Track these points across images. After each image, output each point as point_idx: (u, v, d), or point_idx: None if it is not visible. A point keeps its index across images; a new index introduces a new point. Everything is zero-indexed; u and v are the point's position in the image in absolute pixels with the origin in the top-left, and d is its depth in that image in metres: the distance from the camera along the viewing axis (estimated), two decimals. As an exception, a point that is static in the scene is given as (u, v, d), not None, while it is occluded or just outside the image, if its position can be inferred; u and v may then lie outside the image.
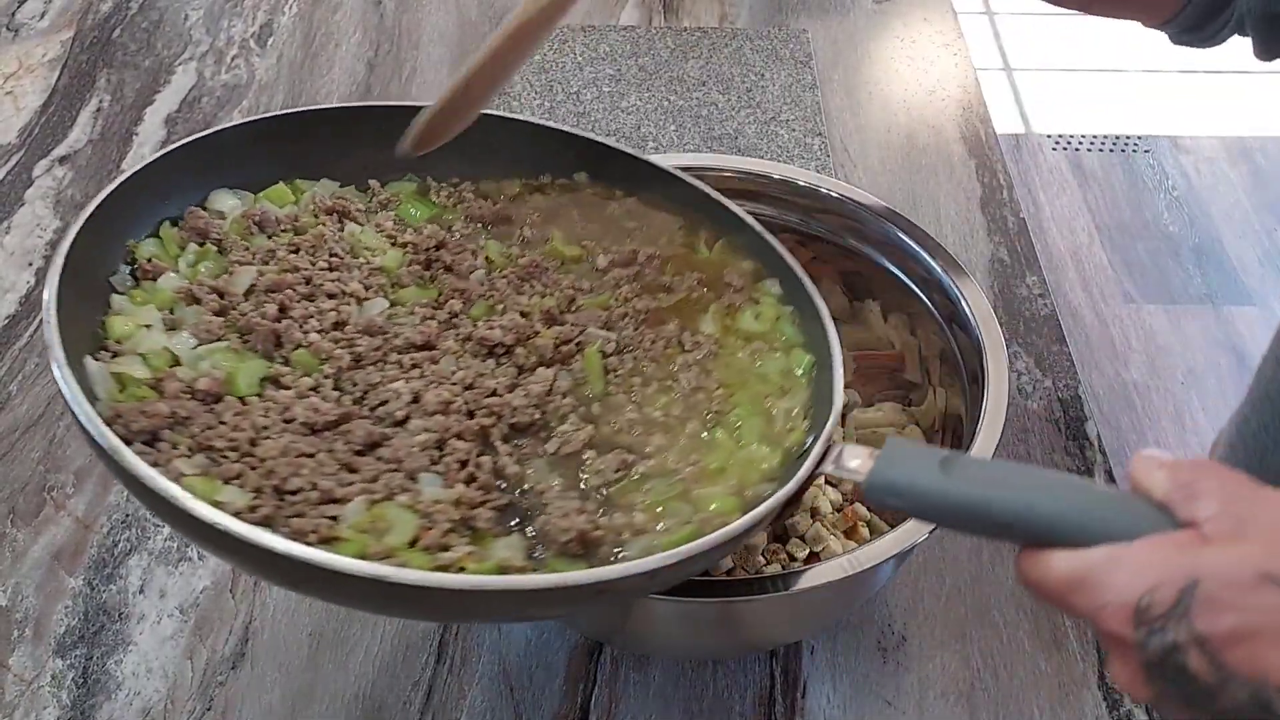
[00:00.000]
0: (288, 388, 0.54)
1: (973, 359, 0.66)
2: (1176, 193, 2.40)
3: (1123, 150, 2.49)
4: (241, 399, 0.53)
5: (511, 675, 0.69)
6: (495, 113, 0.67)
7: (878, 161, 1.05)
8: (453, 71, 1.12)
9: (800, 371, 0.60)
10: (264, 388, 0.54)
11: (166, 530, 0.75)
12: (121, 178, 0.57)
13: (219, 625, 0.71)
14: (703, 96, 1.10)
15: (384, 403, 0.54)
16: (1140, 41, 2.82)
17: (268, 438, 0.51)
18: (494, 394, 0.56)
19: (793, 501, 0.51)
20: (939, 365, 0.72)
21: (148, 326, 0.55)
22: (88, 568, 0.73)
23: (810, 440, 0.55)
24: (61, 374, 0.47)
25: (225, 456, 0.49)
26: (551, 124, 0.69)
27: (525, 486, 0.53)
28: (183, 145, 0.60)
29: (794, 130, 1.07)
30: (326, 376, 0.55)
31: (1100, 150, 2.49)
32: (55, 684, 0.68)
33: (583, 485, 0.53)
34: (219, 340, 0.55)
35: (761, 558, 0.67)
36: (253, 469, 0.49)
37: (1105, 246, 2.27)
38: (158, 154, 0.60)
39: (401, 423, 0.54)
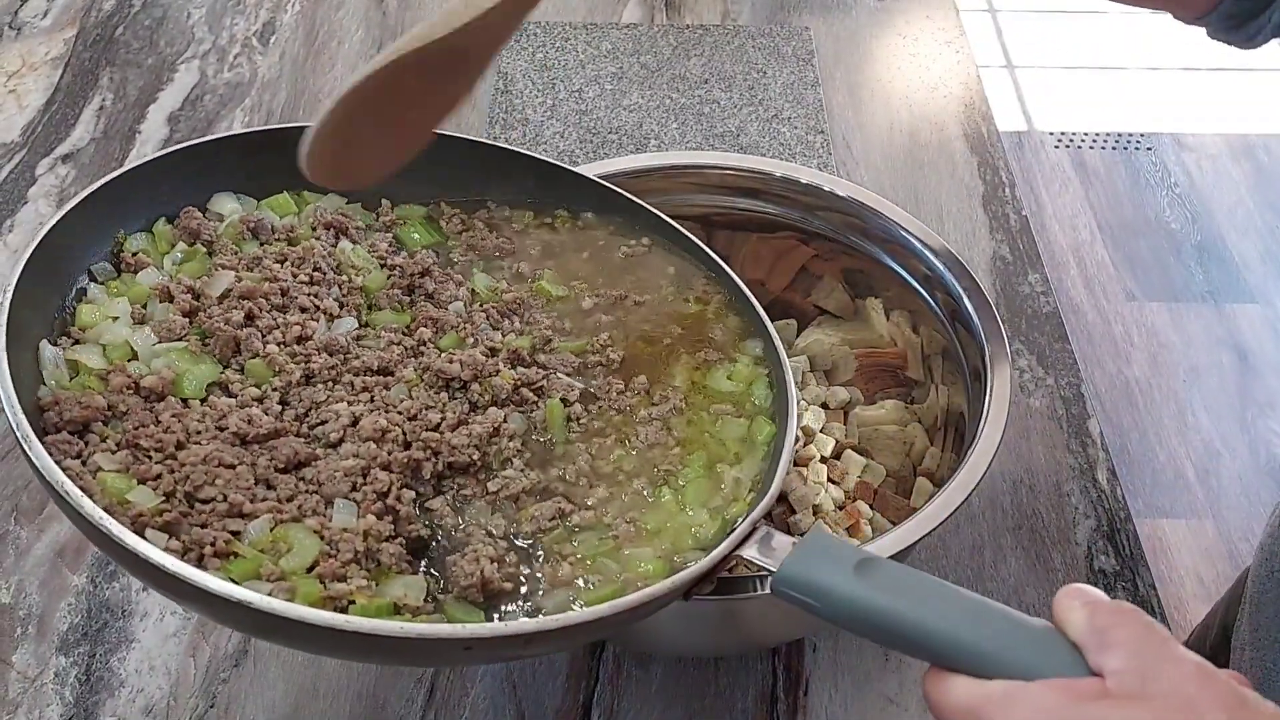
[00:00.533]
0: (234, 396, 0.54)
1: (975, 356, 0.66)
2: (1179, 190, 2.39)
3: (1125, 147, 2.49)
4: (184, 401, 0.53)
5: (514, 672, 0.69)
6: (502, 145, 0.67)
7: (880, 159, 1.05)
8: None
9: (760, 440, 0.58)
10: (211, 393, 0.54)
11: (169, 528, 0.75)
12: (120, 170, 0.57)
13: (222, 622, 0.71)
14: (705, 94, 1.10)
15: (323, 422, 0.54)
16: (1143, 39, 2.81)
17: (196, 443, 0.50)
18: (436, 429, 0.55)
19: (708, 577, 0.50)
20: (941, 363, 0.72)
21: (115, 318, 0.55)
22: (91, 565, 0.74)
23: (742, 518, 0.53)
24: None
25: (149, 456, 0.49)
26: (551, 161, 0.68)
27: (451, 526, 0.52)
28: (190, 147, 0.60)
29: (796, 128, 1.07)
30: (275, 389, 0.55)
31: (1102, 147, 2.48)
32: (58, 681, 0.68)
33: (513, 532, 0.52)
34: (179, 340, 0.55)
35: (764, 555, 0.67)
36: (171, 472, 0.49)
37: (1107, 244, 2.27)
38: (162, 151, 0.60)
39: (335, 445, 0.53)
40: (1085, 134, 2.51)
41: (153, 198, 0.60)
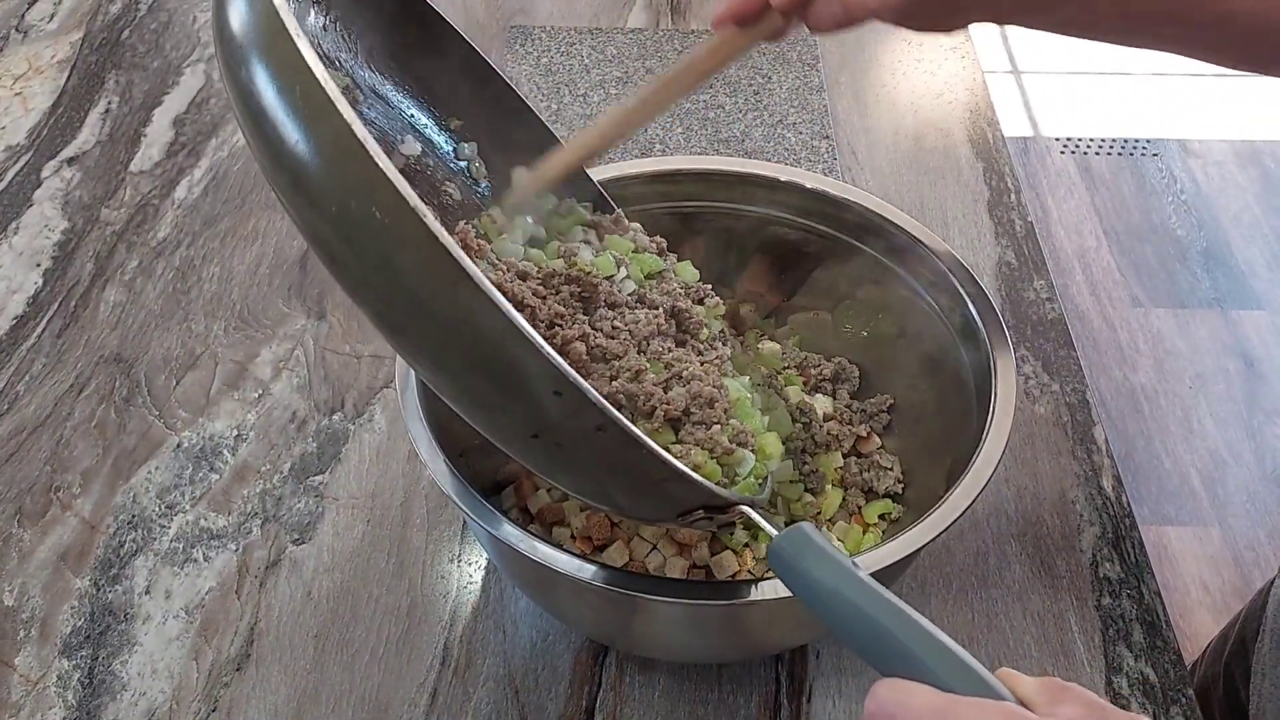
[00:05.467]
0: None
1: (979, 363, 0.66)
2: (1185, 196, 2.39)
3: (1131, 153, 2.48)
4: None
5: (516, 678, 0.69)
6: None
7: (885, 164, 1.05)
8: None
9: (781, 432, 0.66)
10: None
11: (173, 531, 0.75)
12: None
13: (224, 626, 0.71)
14: (710, 99, 1.10)
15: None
16: (1149, 44, 2.79)
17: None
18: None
19: (709, 511, 0.52)
20: (946, 368, 0.72)
21: None
22: (94, 568, 0.74)
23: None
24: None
25: None
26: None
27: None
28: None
29: (801, 133, 1.07)
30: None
31: (1108, 153, 2.48)
32: (61, 684, 0.68)
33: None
34: None
35: (767, 561, 0.67)
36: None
37: (1113, 250, 2.27)
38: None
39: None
40: (1091, 139, 2.51)
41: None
